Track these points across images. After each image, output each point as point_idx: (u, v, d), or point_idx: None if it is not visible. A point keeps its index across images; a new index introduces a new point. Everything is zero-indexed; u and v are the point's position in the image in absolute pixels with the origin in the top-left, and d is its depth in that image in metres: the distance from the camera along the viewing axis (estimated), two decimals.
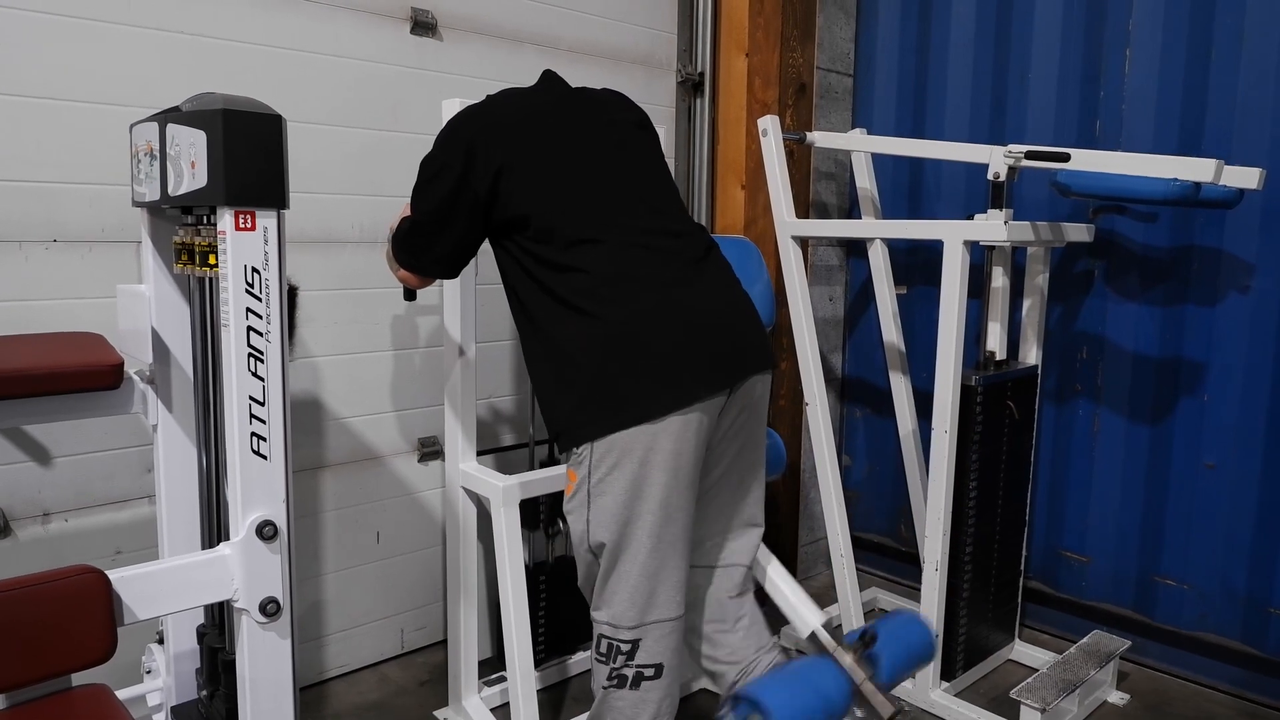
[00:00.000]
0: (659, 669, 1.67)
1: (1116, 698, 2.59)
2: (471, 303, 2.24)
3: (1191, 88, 2.50)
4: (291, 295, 2.43)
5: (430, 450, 2.73)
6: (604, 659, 1.69)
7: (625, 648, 1.66)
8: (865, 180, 2.98)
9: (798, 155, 3.18)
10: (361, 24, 2.47)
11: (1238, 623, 2.57)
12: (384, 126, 2.55)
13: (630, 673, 1.66)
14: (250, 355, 1.46)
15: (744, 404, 1.76)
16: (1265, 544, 2.49)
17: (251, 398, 1.47)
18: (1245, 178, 2.12)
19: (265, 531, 1.48)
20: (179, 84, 2.17)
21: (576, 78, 2.97)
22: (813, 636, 1.90)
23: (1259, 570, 2.51)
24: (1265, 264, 2.43)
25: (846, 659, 1.78)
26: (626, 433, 1.59)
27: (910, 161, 3.14)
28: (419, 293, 2.30)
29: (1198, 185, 2.04)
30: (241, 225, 1.43)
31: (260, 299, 1.46)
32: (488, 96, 1.87)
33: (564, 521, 1.96)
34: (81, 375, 1.60)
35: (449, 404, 2.31)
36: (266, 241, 1.46)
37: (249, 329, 1.45)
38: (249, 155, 1.41)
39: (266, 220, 1.45)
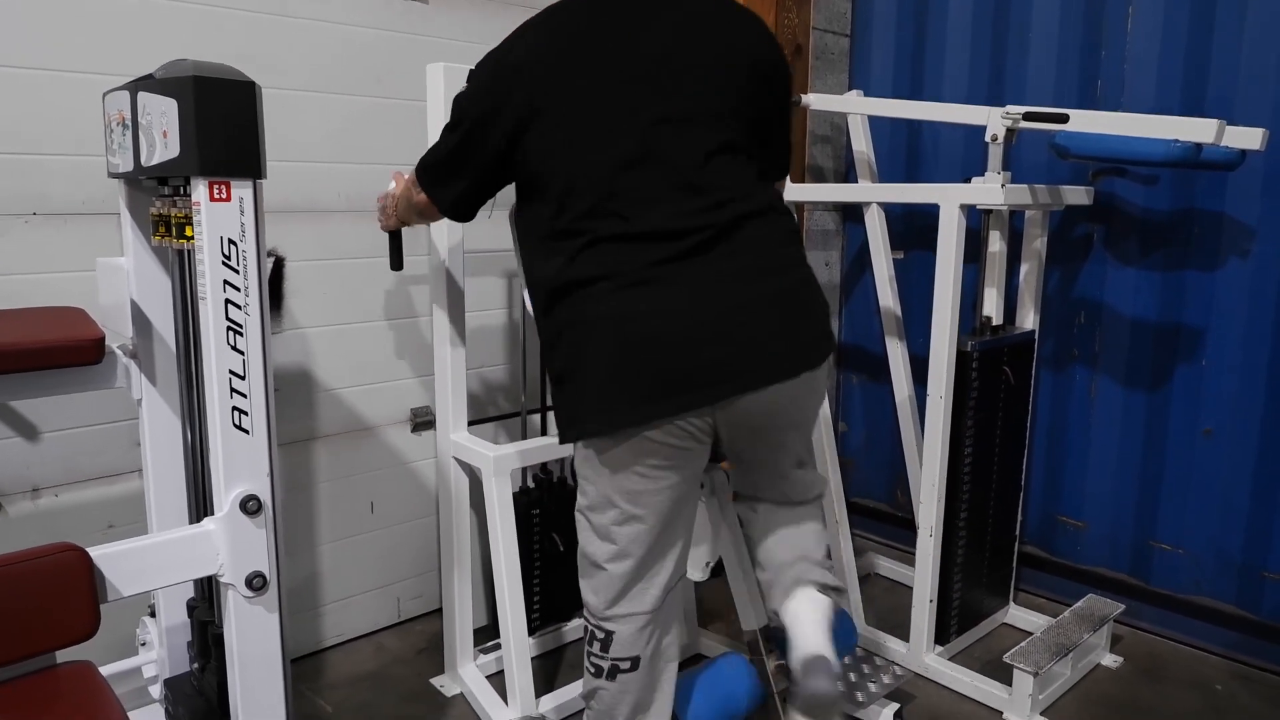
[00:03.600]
0: (634, 662, 1.62)
1: (1110, 660, 2.60)
2: (460, 271, 2.21)
3: (1194, 48, 2.44)
4: (278, 266, 2.40)
5: (423, 420, 2.72)
6: (587, 640, 1.70)
7: (600, 635, 1.64)
8: (862, 144, 2.92)
9: (794, 118, 3.13)
10: None
11: (1232, 587, 2.57)
12: (370, 93, 2.50)
13: (606, 665, 1.63)
14: (229, 329, 1.44)
15: (742, 421, 1.55)
16: (1261, 510, 2.48)
17: (231, 372, 1.45)
18: (1248, 139, 2.08)
19: (249, 506, 1.47)
20: (158, 51, 2.11)
21: None
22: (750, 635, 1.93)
23: (1254, 535, 2.51)
24: (1267, 228, 2.39)
25: (770, 666, 1.86)
26: (596, 440, 1.54)
27: (908, 124, 3.09)
28: (407, 261, 2.27)
29: (1198, 147, 1.99)
30: (216, 196, 1.40)
31: (238, 271, 1.43)
32: (532, 21, 1.58)
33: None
34: (62, 350, 1.58)
35: (439, 374, 2.29)
36: (243, 212, 1.43)
37: (227, 302, 1.43)
38: (222, 124, 1.37)
39: (242, 191, 1.42)
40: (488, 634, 2.50)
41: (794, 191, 2.64)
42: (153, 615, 1.96)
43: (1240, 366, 2.47)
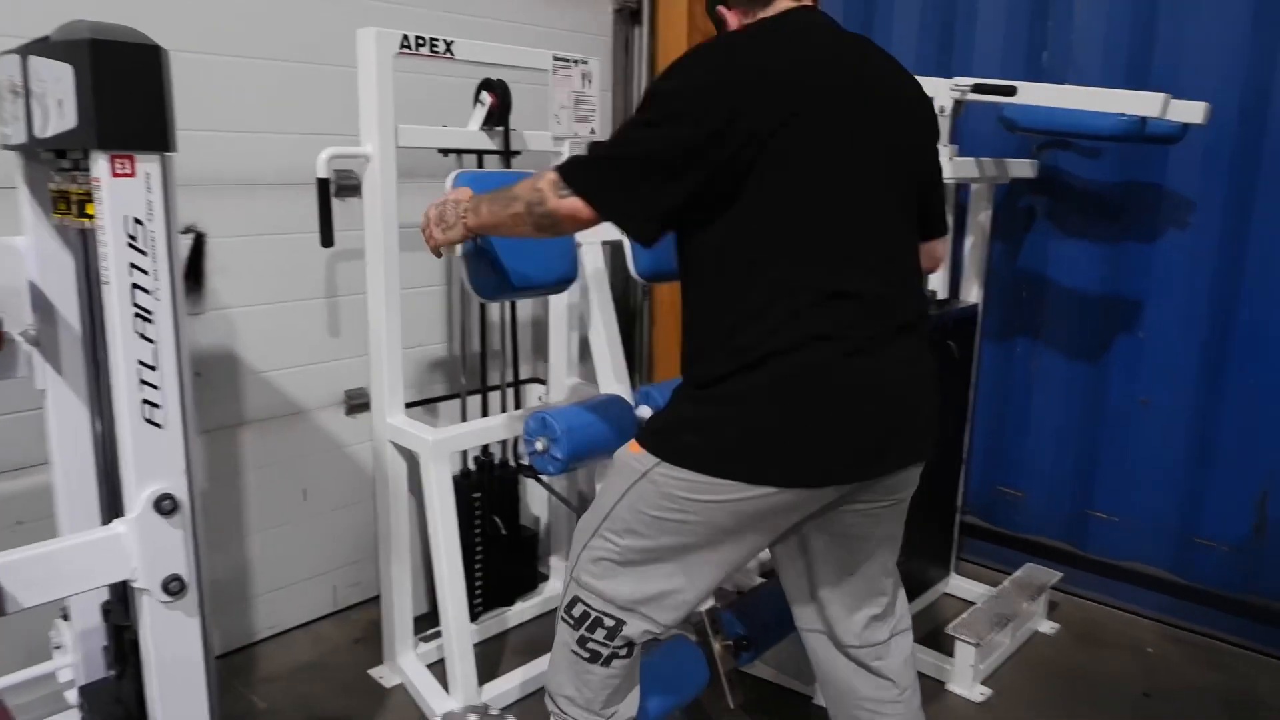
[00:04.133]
0: (630, 647, 1.54)
1: (1047, 627, 2.65)
2: (394, 246, 2.10)
3: (1139, 20, 2.44)
4: (198, 243, 2.26)
5: (358, 403, 2.61)
6: (574, 624, 1.52)
7: (609, 623, 1.49)
8: None
9: None
10: None
11: (1166, 553, 2.63)
12: (304, 59, 2.35)
13: (606, 651, 1.51)
14: (137, 315, 1.32)
15: (885, 496, 1.49)
16: (1194, 477, 2.54)
17: (141, 362, 1.34)
18: (1190, 112, 2.08)
19: (164, 506, 1.37)
20: (62, 8, 1.94)
21: (501, 6, 2.79)
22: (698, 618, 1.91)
23: (1187, 502, 2.57)
24: (1205, 201, 2.42)
25: (716, 647, 1.85)
26: (727, 481, 1.36)
27: None
28: (339, 236, 2.15)
29: (1144, 120, 1.99)
30: (119, 171, 1.28)
31: (145, 253, 1.31)
32: (749, 35, 1.40)
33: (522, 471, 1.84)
34: None
35: (374, 354, 2.19)
36: (150, 189, 1.31)
37: (134, 286, 1.31)
38: (124, 92, 1.25)
39: (148, 165, 1.30)
40: (428, 621, 2.42)
41: None
42: (65, 619, 1.84)
43: (1177, 338, 2.51)
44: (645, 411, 2.04)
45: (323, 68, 2.39)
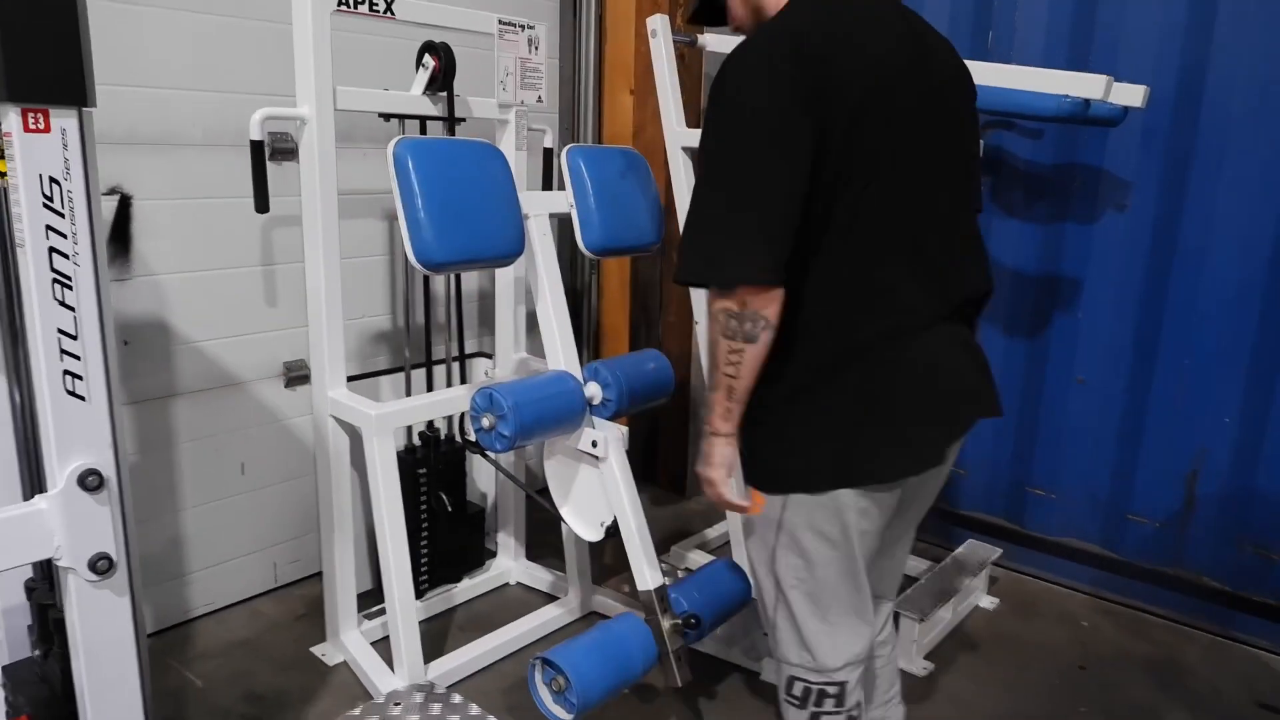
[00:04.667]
0: (860, 705, 1.51)
1: (987, 602, 2.71)
2: (334, 212, 2.04)
3: (1081, 2, 2.46)
4: (124, 205, 2.16)
5: (298, 375, 2.54)
6: (799, 702, 1.48)
7: (833, 691, 1.45)
8: None
9: (689, 60, 3.02)
10: None
11: (1099, 529, 2.70)
12: (230, 12, 2.25)
13: (842, 718, 1.47)
14: (55, 281, 1.25)
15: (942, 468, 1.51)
16: (1127, 455, 2.61)
17: (61, 330, 1.27)
18: (1131, 95, 2.11)
19: (89, 482, 1.31)
20: None
21: None
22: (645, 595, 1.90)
23: (1119, 479, 2.64)
24: (1142, 182, 2.46)
25: (665, 625, 1.86)
26: (847, 491, 1.36)
27: None
28: (273, 202, 2.07)
29: (1087, 102, 2.01)
30: (32, 126, 1.20)
31: (62, 215, 1.24)
32: (805, 24, 1.28)
33: (468, 446, 1.79)
34: None
35: (313, 326, 2.13)
36: (66, 146, 1.24)
37: (51, 250, 1.24)
38: (34, 40, 1.18)
39: (64, 120, 1.23)
40: (372, 599, 2.38)
41: (689, 137, 2.55)
42: None
43: (1112, 318, 2.57)
44: (594, 389, 2.02)
45: (258, 23, 2.30)
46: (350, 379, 2.23)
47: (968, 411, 1.45)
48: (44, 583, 1.61)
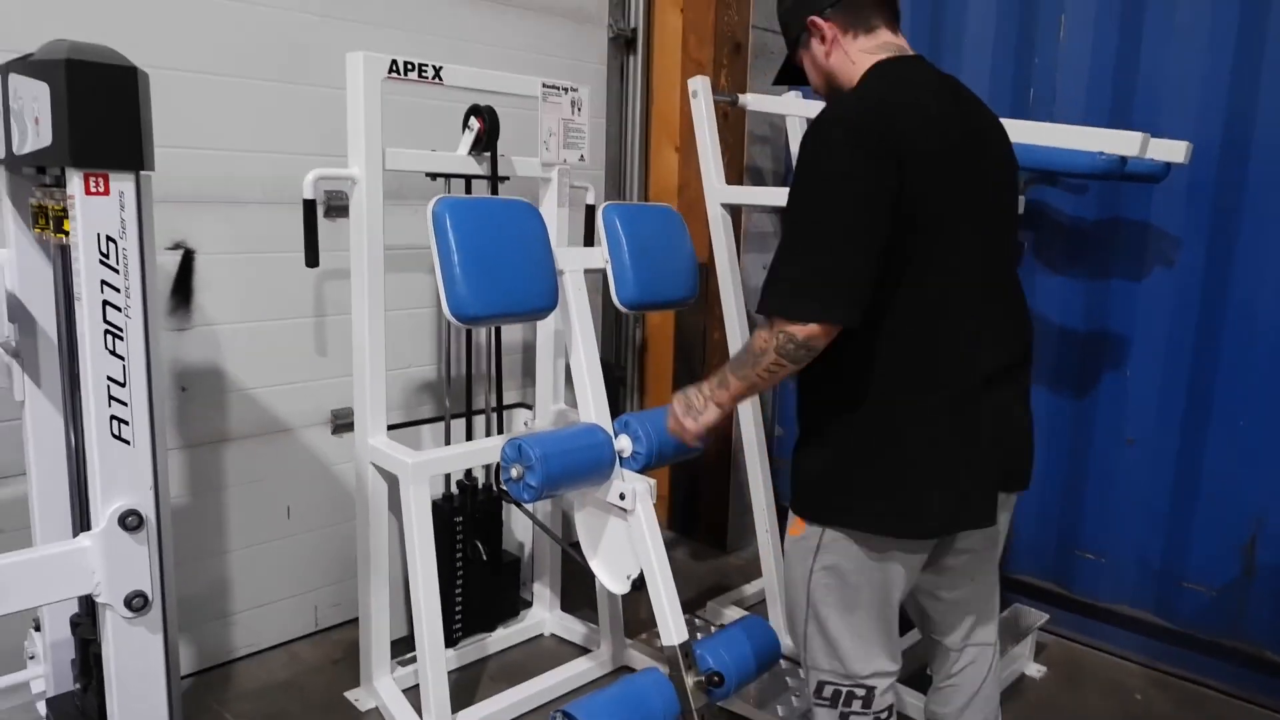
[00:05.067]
0: (891, 710, 1.60)
1: (1034, 670, 2.62)
2: (378, 268, 2.12)
3: (1124, 57, 2.45)
4: (187, 259, 2.28)
5: (344, 422, 2.62)
6: (830, 703, 1.58)
7: (861, 693, 1.56)
8: (795, 147, 2.89)
9: (732, 118, 3.09)
10: None
11: (1152, 595, 2.59)
12: (290, 79, 2.39)
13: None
14: (107, 332, 1.34)
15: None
16: (1180, 519, 2.51)
17: (110, 378, 1.35)
18: (1172, 151, 2.09)
19: (129, 522, 1.38)
20: (61, 26, 1.98)
21: (497, 32, 2.83)
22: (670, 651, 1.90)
23: (1173, 545, 2.54)
24: (1190, 238, 2.41)
25: (689, 683, 1.85)
26: (875, 538, 1.47)
27: None
28: (327, 256, 2.17)
29: (1123, 159, 1.99)
30: (93, 189, 1.30)
31: (117, 271, 1.34)
32: (871, 88, 1.45)
33: (503, 496, 1.87)
34: None
35: (357, 375, 2.20)
36: (123, 207, 1.33)
37: (105, 304, 1.34)
38: (98, 111, 1.28)
39: (122, 184, 1.33)
40: (407, 645, 2.40)
41: (731, 194, 2.60)
42: (38, 629, 1.85)
43: (1162, 376, 2.50)
44: (624, 442, 2.04)
45: (314, 89, 2.43)
46: (393, 427, 2.30)
47: (1009, 483, 1.57)
48: (88, 618, 1.68)
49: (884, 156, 1.34)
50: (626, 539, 2.01)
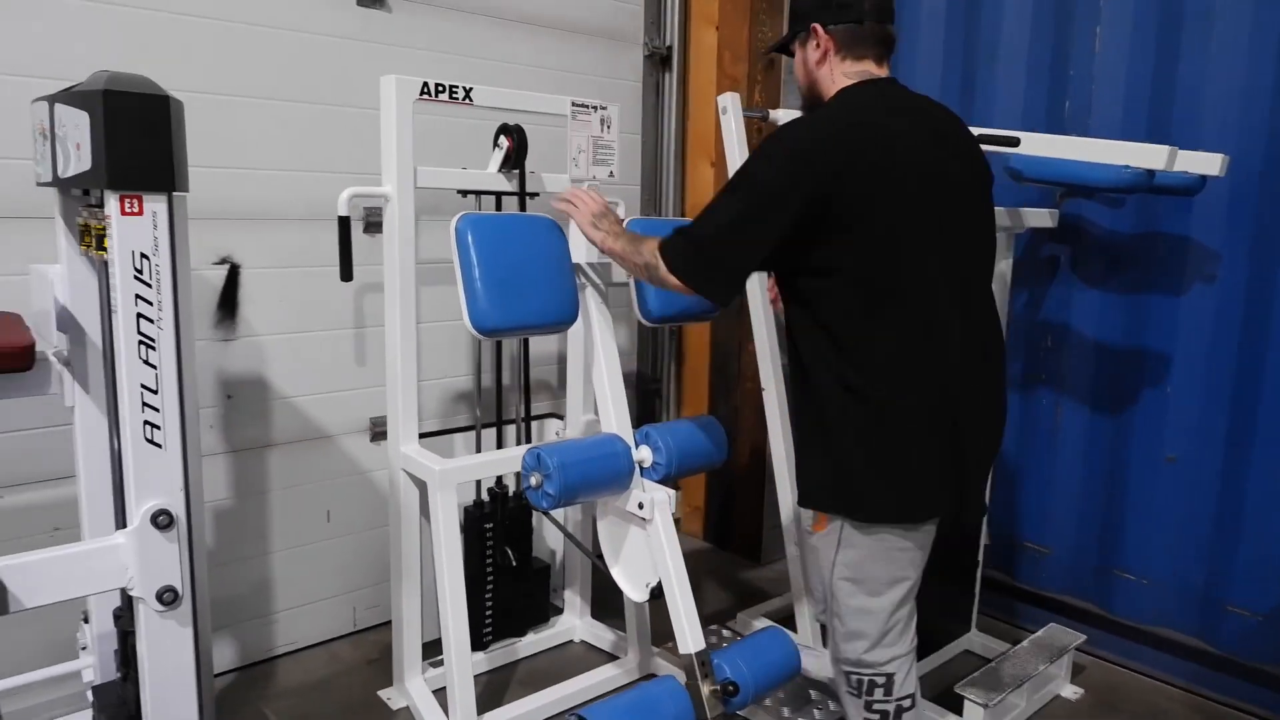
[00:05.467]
0: (913, 698, 1.74)
1: (1070, 691, 2.56)
2: (411, 281, 2.19)
3: (1161, 68, 2.41)
4: (233, 274, 2.40)
5: (382, 430, 2.70)
6: (856, 692, 1.73)
7: (881, 680, 1.70)
8: None
9: (765, 132, 3.10)
10: None
11: (1194, 618, 2.52)
12: (329, 101, 2.50)
13: (891, 707, 1.71)
14: (141, 343, 1.43)
15: None
16: (1223, 540, 2.44)
17: (144, 385, 1.44)
18: (1207, 164, 2.04)
19: (160, 520, 1.47)
20: (105, 58, 2.12)
21: (532, 52, 2.91)
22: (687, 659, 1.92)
23: (1216, 567, 2.46)
24: (1231, 252, 2.35)
25: (705, 691, 1.86)
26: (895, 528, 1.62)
27: None
28: (366, 270, 2.26)
29: (1151, 172, 1.96)
30: (128, 210, 1.39)
31: (150, 285, 1.43)
32: (834, 113, 1.61)
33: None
34: None
35: (389, 385, 2.27)
36: (156, 227, 1.42)
37: (139, 316, 1.42)
38: (133, 137, 1.37)
39: (155, 205, 1.42)
40: (439, 647, 2.47)
41: None
42: (86, 621, 1.96)
43: (1203, 393, 2.43)
44: (645, 452, 2.07)
45: (352, 110, 2.53)
46: (426, 435, 2.37)
47: (980, 467, 1.76)
48: (128, 611, 1.78)
49: (813, 182, 1.49)
50: (646, 548, 2.05)
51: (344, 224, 2.11)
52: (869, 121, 1.55)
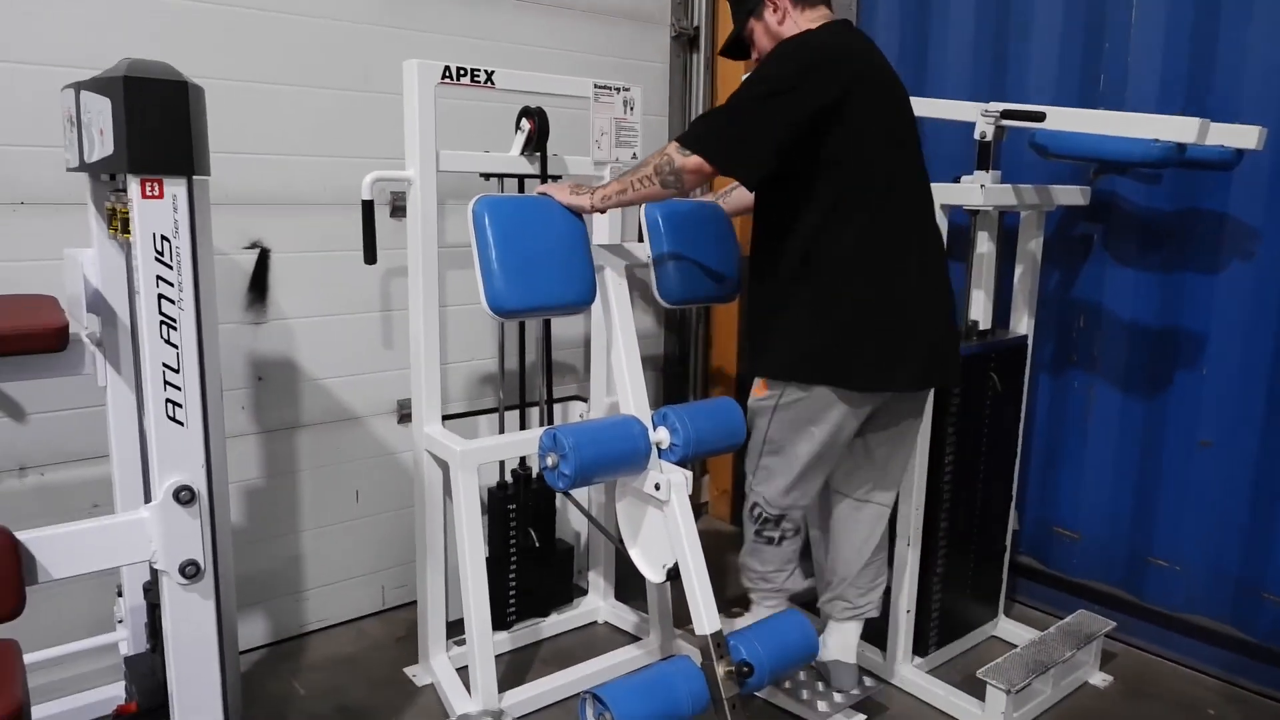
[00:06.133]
0: (796, 529, 2.19)
1: (1099, 679, 2.52)
2: (434, 263, 2.21)
3: (1199, 40, 2.33)
4: (263, 258, 2.45)
5: (408, 412, 2.75)
6: (755, 521, 2.18)
7: (773, 516, 2.15)
8: None
9: None
10: None
11: (1228, 606, 2.46)
12: (355, 87, 2.53)
13: (776, 534, 2.17)
14: (162, 323, 1.47)
15: (913, 398, 2.13)
16: (1259, 526, 2.37)
17: (165, 365, 1.48)
18: (1243, 137, 1.98)
19: (181, 496, 1.51)
20: (138, 46, 2.17)
21: (558, 33, 2.91)
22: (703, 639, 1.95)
23: (1252, 553, 2.40)
24: (1271, 230, 2.27)
25: (719, 671, 1.88)
26: (829, 389, 1.95)
27: None
28: (393, 254, 2.28)
29: (1181, 146, 1.90)
30: (148, 193, 1.43)
31: (171, 266, 1.46)
32: (822, 38, 1.89)
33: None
34: (25, 338, 1.63)
35: (414, 367, 2.31)
36: (176, 209, 1.45)
37: (160, 296, 1.46)
38: (153, 122, 1.40)
39: (175, 188, 1.45)
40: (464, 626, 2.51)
41: None
42: (120, 595, 2.02)
43: (1240, 375, 2.36)
44: (662, 434, 2.08)
45: (370, 95, 2.55)
46: (450, 416, 2.40)
47: (937, 377, 2.07)
48: (157, 585, 1.83)
49: (831, 81, 1.77)
50: (664, 529, 2.05)
51: (368, 208, 2.14)
52: (848, 44, 1.88)
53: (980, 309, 2.45)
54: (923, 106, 2.43)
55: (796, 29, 1.92)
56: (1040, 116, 1.97)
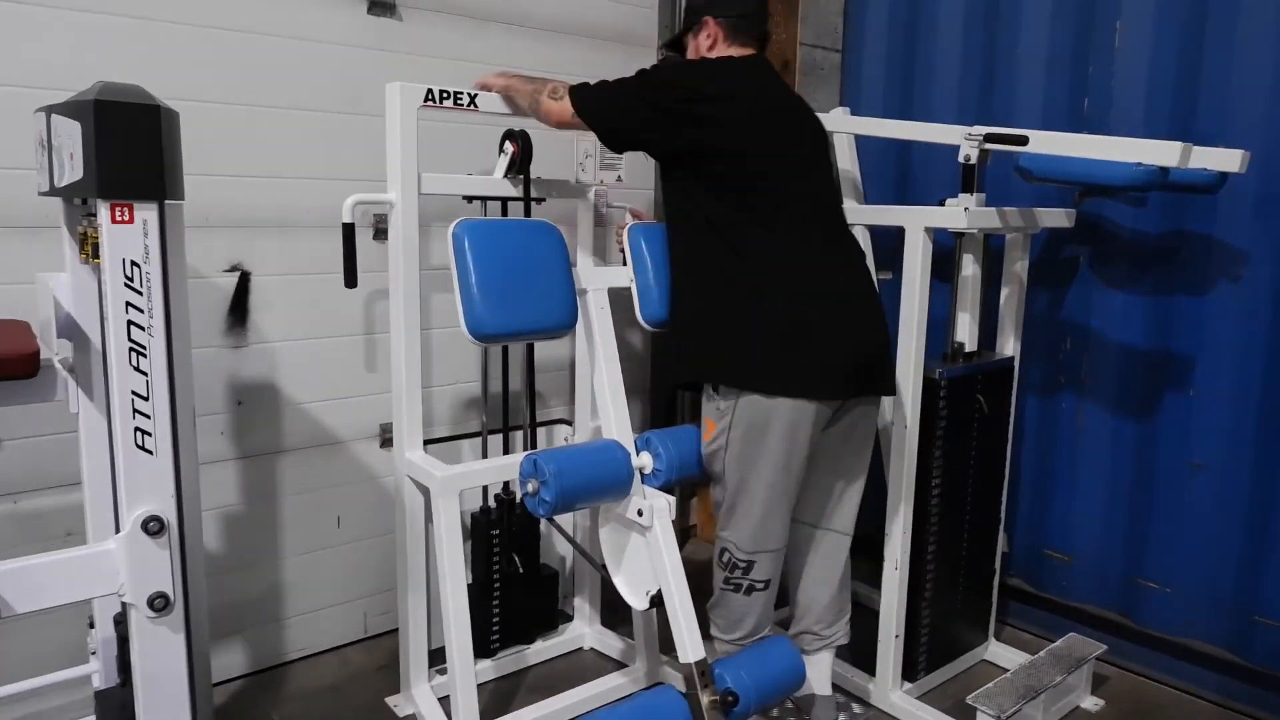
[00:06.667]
0: (767, 583, 2.11)
1: (1090, 703, 2.49)
2: (415, 287, 2.19)
3: (1185, 64, 2.33)
4: (243, 281, 2.42)
5: (391, 436, 2.71)
6: (724, 568, 2.11)
7: (743, 564, 2.08)
8: (846, 162, 2.85)
9: None
10: (315, 4, 2.43)
11: (1221, 629, 2.43)
12: (341, 109, 2.51)
13: (745, 583, 2.09)
14: (132, 350, 1.44)
15: (859, 414, 2.13)
16: (1252, 548, 2.35)
17: (134, 392, 1.45)
18: (1227, 160, 1.96)
19: (150, 527, 1.47)
20: (117, 70, 2.15)
21: (547, 58, 2.90)
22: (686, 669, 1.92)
23: (1246, 576, 2.37)
24: (1258, 252, 2.27)
25: (704, 701, 1.85)
26: (771, 399, 1.93)
27: (898, 143, 3.00)
28: (375, 277, 2.26)
29: (1164, 170, 1.90)
30: (118, 218, 1.40)
31: (140, 292, 1.43)
32: (742, 66, 2.06)
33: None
34: None
35: (395, 391, 2.28)
36: (147, 235, 1.43)
37: (129, 323, 1.43)
38: (123, 146, 1.38)
39: (146, 213, 1.42)
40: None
41: None
42: (92, 626, 1.98)
43: (1230, 397, 2.35)
44: (645, 459, 2.05)
45: (357, 117, 2.54)
46: (432, 441, 2.37)
47: (872, 387, 2.10)
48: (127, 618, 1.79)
49: (713, 99, 1.92)
50: (647, 555, 2.02)
51: (348, 231, 2.12)
52: (749, 66, 2.05)
53: (966, 331, 2.44)
54: (907, 130, 2.44)
55: (715, 55, 2.08)
56: (1023, 140, 1.96)
